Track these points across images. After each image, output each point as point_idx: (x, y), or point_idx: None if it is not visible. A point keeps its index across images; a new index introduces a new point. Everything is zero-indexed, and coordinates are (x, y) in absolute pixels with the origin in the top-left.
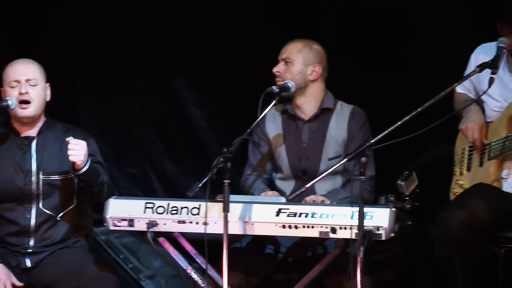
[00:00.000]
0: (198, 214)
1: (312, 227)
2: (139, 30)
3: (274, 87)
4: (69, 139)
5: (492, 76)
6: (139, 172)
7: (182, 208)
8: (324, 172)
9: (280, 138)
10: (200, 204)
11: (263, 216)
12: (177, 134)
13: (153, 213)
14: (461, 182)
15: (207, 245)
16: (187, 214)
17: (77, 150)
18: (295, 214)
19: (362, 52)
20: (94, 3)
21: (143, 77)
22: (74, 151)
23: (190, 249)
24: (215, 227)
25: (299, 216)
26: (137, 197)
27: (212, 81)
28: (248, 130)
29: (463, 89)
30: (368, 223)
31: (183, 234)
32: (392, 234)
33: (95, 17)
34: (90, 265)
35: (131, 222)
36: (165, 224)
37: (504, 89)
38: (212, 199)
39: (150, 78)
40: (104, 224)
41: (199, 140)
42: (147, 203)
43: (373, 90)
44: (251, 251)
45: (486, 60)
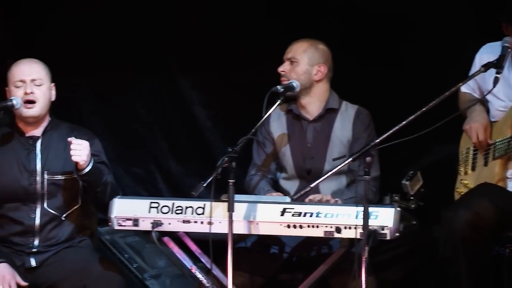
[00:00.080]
0: (203, 214)
1: (317, 227)
2: (144, 30)
3: (279, 87)
4: (71, 139)
5: (497, 76)
6: (144, 172)
7: (187, 208)
8: (329, 172)
9: (285, 138)
10: (205, 204)
11: (268, 216)
12: (182, 134)
13: (158, 213)
14: (466, 182)
15: (212, 245)
16: (192, 214)
17: (80, 150)
18: (300, 214)
19: (367, 52)
20: (99, 3)
21: (148, 77)
22: (77, 151)
23: (195, 249)
24: (220, 227)
25: (304, 216)
26: (142, 197)
27: (217, 81)
28: (253, 130)
29: (468, 89)
30: (373, 223)
31: (188, 234)
32: (397, 234)
33: (101, 17)
34: (95, 264)
35: (136, 222)
36: (170, 224)
37: (509, 89)
38: (217, 199)
39: (155, 78)
40: (109, 224)
41: (204, 140)
42: (152, 203)
43: (378, 90)
44: (256, 251)
45: (491, 60)
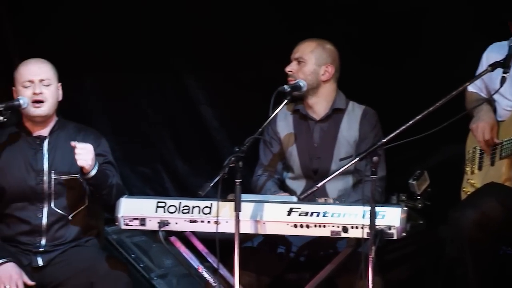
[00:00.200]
0: (210, 213)
1: (324, 226)
2: (151, 30)
3: (286, 86)
4: (75, 144)
5: (504, 76)
6: (151, 171)
7: (194, 207)
8: (335, 172)
9: (292, 138)
10: (212, 203)
11: (275, 216)
12: (189, 133)
13: (165, 212)
14: (473, 181)
15: (219, 244)
16: (199, 213)
17: (84, 155)
18: (307, 213)
19: (374, 52)
20: (106, 2)
21: (155, 77)
22: (82, 156)
23: (202, 248)
24: (227, 226)
25: (311, 216)
26: (149, 196)
27: (224, 81)
28: (260, 130)
29: (475, 88)
30: (380, 223)
31: (195, 233)
32: (404, 234)
33: (108, 17)
34: (102, 264)
35: (143, 221)
36: (177, 223)
37: None
38: (224, 198)
39: (162, 78)
40: (116, 223)
41: (211, 139)
42: (159, 202)
43: (385, 90)
44: (263, 251)
45: (498, 59)
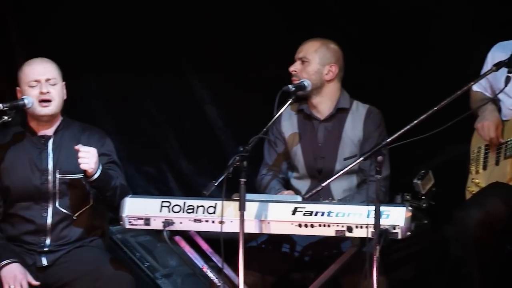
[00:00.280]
0: (214, 213)
1: (328, 226)
2: (156, 30)
3: (290, 86)
4: (79, 147)
5: (509, 75)
6: (155, 171)
7: (198, 207)
8: (340, 172)
9: (296, 138)
10: (216, 203)
11: (279, 215)
12: (193, 133)
13: (169, 212)
14: (477, 181)
15: (223, 244)
16: (203, 213)
17: (88, 158)
18: (311, 213)
19: (378, 51)
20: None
21: (160, 76)
22: (85, 159)
23: (206, 248)
24: (231, 226)
25: (315, 215)
26: (153, 196)
27: (228, 80)
28: (264, 129)
29: (480, 88)
30: (384, 222)
31: (199, 233)
32: (408, 233)
33: (112, 16)
34: (107, 265)
35: (147, 221)
36: (181, 223)
37: None
38: (228, 198)
39: (167, 77)
40: (120, 223)
41: (215, 139)
42: (163, 202)
43: (389, 89)
44: (267, 250)
45: (503, 59)
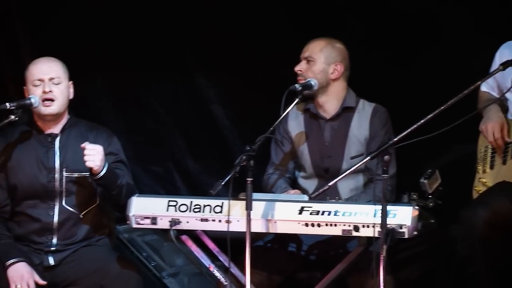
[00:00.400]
0: (221, 212)
1: (335, 225)
2: (163, 29)
3: (297, 85)
4: (85, 145)
5: None
6: (162, 170)
7: (205, 206)
8: (347, 171)
9: (303, 137)
10: (223, 202)
11: (286, 214)
12: (200, 132)
13: (176, 211)
14: (484, 180)
15: (230, 243)
16: (210, 212)
17: (94, 156)
18: (318, 212)
19: (384, 50)
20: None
21: (166, 76)
22: (91, 157)
23: (213, 247)
24: (238, 225)
25: (322, 214)
26: (160, 195)
27: (235, 80)
28: (271, 129)
29: (487, 88)
30: (391, 221)
31: (206, 232)
32: (415, 233)
33: (119, 15)
34: (113, 264)
35: (154, 220)
36: (188, 222)
37: None
38: (235, 197)
39: (173, 77)
40: (127, 222)
41: (222, 138)
42: (170, 201)
43: (396, 88)
44: (274, 249)
45: (511, 58)
